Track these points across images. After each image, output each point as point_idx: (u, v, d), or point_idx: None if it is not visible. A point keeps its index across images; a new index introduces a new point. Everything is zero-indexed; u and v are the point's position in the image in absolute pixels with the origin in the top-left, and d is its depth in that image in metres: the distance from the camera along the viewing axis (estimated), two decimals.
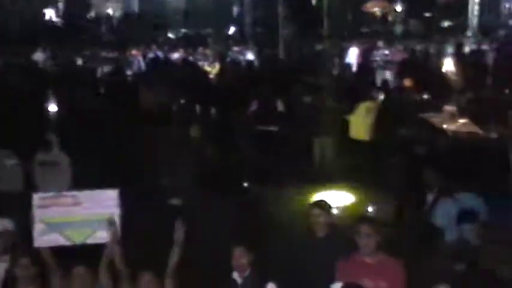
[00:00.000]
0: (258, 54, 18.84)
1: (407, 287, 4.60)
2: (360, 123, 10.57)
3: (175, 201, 7.73)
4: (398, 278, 4.60)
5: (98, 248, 4.81)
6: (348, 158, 10.75)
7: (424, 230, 6.38)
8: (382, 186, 9.31)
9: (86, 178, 7.36)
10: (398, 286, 4.58)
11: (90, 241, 4.81)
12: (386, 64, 17.26)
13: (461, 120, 10.70)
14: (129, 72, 16.28)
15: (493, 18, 25.61)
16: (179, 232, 4.74)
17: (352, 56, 18.16)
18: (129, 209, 4.99)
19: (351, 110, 10.89)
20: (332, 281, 4.53)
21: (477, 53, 16.95)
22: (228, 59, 17.75)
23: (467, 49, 17.66)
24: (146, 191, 8.59)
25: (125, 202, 4.92)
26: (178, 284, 4.79)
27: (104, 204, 4.81)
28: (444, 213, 5.98)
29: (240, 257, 4.69)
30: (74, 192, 4.91)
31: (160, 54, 19.41)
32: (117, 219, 4.82)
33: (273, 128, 11.14)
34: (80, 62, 18.77)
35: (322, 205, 5.24)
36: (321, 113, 12.08)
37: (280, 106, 11.94)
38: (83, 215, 4.79)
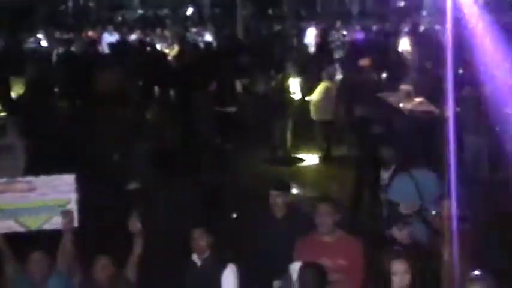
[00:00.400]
0: (217, 35, 18.69)
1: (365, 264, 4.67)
2: (319, 104, 10.65)
3: (132, 186, 7.67)
4: (357, 256, 4.67)
5: (56, 233, 4.75)
6: (309, 139, 10.85)
7: (379, 206, 6.53)
8: (340, 165, 9.46)
9: (41, 162, 7.24)
10: (357, 264, 4.65)
11: (46, 227, 4.74)
12: (344, 44, 17.34)
13: (417, 99, 10.87)
14: (85, 54, 15.91)
15: None
16: (135, 223, 4.69)
17: (310, 36, 18.21)
18: (86, 194, 4.93)
19: (310, 90, 10.96)
20: (292, 261, 4.57)
21: (432, 33, 17.17)
22: (187, 41, 17.56)
23: (422, 28, 17.89)
24: (103, 175, 8.52)
25: (82, 186, 4.86)
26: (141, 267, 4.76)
27: (60, 189, 4.74)
28: (400, 188, 6.06)
29: (200, 238, 4.69)
30: (29, 178, 4.83)
31: (117, 35, 19.06)
32: (74, 205, 4.75)
33: (231, 109, 11.13)
34: (33, 43, 18.26)
35: (281, 186, 5.27)
36: (280, 94, 12.12)
37: (238, 87, 11.94)
38: (39, 200, 4.72)
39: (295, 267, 4.33)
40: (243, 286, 4.69)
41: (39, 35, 19.38)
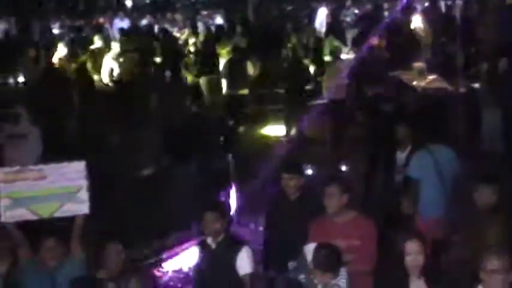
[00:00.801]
0: (227, 18, 18.60)
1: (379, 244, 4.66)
2: (331, 83, 10.60)
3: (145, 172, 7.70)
4: (370, 236, 4.64)
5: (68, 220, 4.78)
6: (323, 119, 10.80)
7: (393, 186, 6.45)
8: (353, 145, 9.40)
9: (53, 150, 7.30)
10: (370, 244, 4.62)
11: (57, 215, 4.76)
12: (356, 23, 17.17)
13: (431, 77, 10.78)
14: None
15: None
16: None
17: (322, 16, 18.06)
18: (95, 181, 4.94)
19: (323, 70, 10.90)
20: (306, 242, 4.57)
21: (445, 10, 16.95)
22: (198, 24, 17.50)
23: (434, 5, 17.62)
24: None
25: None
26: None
27: (70, 176, 4.75)
28: (421, 165, 5.87)
29: (214, 222, 4.69)
30: (40, 166, 4.86)
31: (127, 21, 19.04)
32: (84, 192, 4.77)
33: (244, 91, 11.12)
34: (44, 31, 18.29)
35: (292, 168, 5.25)
36: (294, 74, 12.07)
37: (250, 69, 11.90)
38: (49, 188, 4.73)
39: (309, 248, 4.33)
40: (258, 268, 4.71)
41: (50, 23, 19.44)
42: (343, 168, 8.55)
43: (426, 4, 17.34)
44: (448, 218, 5.40)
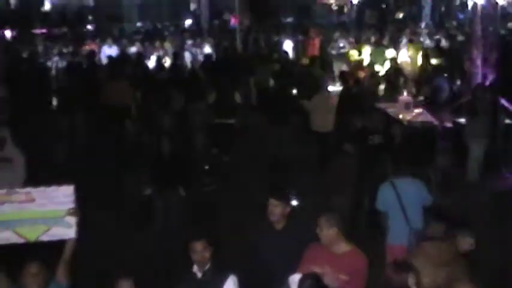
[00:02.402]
0: (216, 46, 18.73)
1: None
2: (318, 115, 10.64)
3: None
4: (360, 272, 4.59)
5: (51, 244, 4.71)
6: (308, 148, 10.85)
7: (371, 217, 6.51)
8: (339, 176, 9.44)
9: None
10: (358, 280, 4.57)
11: (44, 238, 4.70)
12: (343, 55, 17.36)
13: (417, 110, 10.90)
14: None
15: (446, 9, 26.10)
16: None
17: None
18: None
19: (309, 100, 10.94)
20: (292, 272, 4.53)
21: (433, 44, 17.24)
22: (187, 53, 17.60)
23: (421, 40, 17.94)
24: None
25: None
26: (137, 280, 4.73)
27: (58, 200, 4.69)
28: (384, 198, 6.10)
29: (202, 251, 4.65)
30: (28, 189, 4.79)
31: (116, 47, 19.09)
32: (72, 216, 4.71)
33: (231, 121, 11.12)
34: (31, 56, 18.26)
35: (279, 195, 5.21)
36: (280, 104, 12.11)
37: (238, 98, 11.92)
38: (37, 211, 4.67)
39: (294, 279, 4.28)
40: None
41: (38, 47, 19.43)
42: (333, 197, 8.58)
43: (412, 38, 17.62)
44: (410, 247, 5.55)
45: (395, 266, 4.12)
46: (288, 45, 18.68)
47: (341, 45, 18.53)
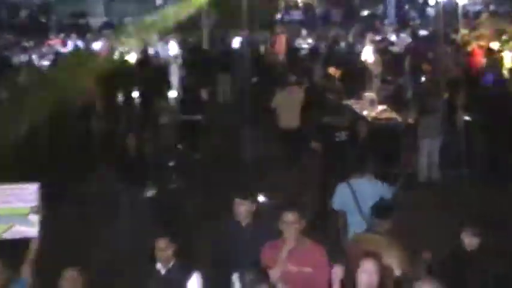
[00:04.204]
0: (182, 43, 18.62)
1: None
2: (283, 111, 10.67)
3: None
4: (322, 264, 4.65)
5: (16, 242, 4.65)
6: (274, 146, 10.88)
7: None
8: (306, 172, 9.50)
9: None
10: (323, 271, 4.62)
11: (7, 236, 4.64)
12: (311, 52, 17.45)
13: (380, 107, 11.04)
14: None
15: (410, 7, 26.44)
16: None
17: (279, 43, 18.32)
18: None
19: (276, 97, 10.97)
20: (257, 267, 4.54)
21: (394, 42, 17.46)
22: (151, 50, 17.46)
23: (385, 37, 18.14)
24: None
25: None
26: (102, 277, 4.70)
27: (23, 198, 4.64)
28: (341, 197, 6.11)
29: (165, 248, 4.65)
30: None
31: (80, 43, 18.86)
32: (35, 215, 4.65)
33: (197, 117, 11.09)
34: None
35: (245, 194, 5.23)
36: (247, 102, 12.16)
37: (204, 95, 11.91)
38: (1, 208, 4.62)
39: (236, 276, 4.33)
40: None
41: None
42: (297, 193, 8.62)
43: (377, 36, 17.83)
44: None
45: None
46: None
47: (309, 41, 18.65)
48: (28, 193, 4.66)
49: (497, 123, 9.65)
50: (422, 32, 19.25)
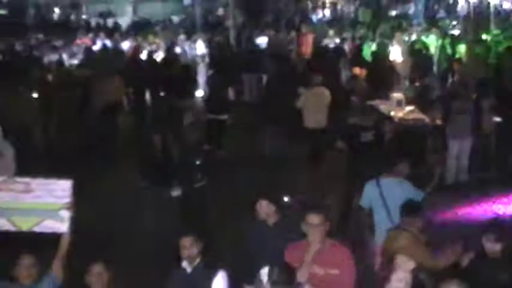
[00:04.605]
0: (209, 42, 18.70)
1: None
2: (310, 111, 10.65)
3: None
4: (348, 265, 4.62)
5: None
6: (300, 146, 10.86)
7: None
8: (332, 173, 9.45)
9: None
10: (349, 272, 4.60)
11: (37, 229, 4.69)
12: (337, 52, 17.35)
13: (408, 108, 10.94)
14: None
15: (440, 7, 26.17)
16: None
17: (305, 43, 18.28)
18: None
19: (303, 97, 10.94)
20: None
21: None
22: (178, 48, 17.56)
23: (414, 38, 17.97)
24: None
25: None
26: (127, 275, 4.74)
27: (56, 194, 4.68)
28: (369, 196, 6.17)
29: (191, 247, 4.67)
30: (27, 179, 4.76)
31: (109, 42, 19.06)
32: (67, 211, 4.69)
33: (223, 117, 11.13)
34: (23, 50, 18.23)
35: (270, 194, 5.24)
36: (271, 102, 12.12)
37: (231, 94, 11.93)
38: (33, 202, 4.66)
39: (265, 271, 4.32)
40: None
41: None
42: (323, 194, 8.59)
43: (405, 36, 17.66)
44: None
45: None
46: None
47: (336, 41, 18.56)
48: (61, 189, 4.69)
49: None
50: (452, 32, 19.01)
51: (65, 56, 16.80)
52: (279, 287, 4.11)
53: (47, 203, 4.66)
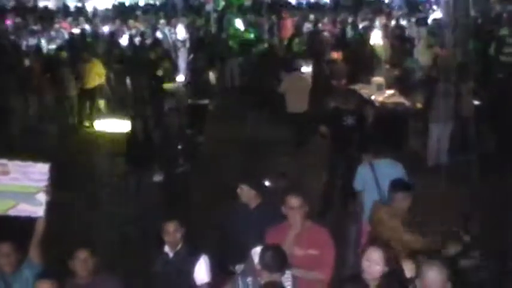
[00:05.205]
0: (189, 27, 18.56)
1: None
2: (292, 95, 10.66)
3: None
4: (328, 246, 4.67)
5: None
6: (283, 130, 10.88)
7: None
8: (314, 156, 9.51)
9: None
10: (328, 252, 4.65)
11: (11, 213, 4.58)
12: (315, 37, 17.32)
13: (389, 92, 10.99)
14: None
15: None
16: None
17: (285, 28, 18.24)
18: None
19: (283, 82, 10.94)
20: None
21: (403, 27, 17.31)
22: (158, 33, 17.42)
23: (393, 22, 18.01)
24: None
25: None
26: (109, 260, 4.72)
27: (33, 177, 4.57)
28: (362, 178, 6.22)
29: (174, 232, 4.67)
30: (4, 161, 4.62)
31: (88, 27, 18.84)
32: (43, 195, 4.59)
33: (204, 101, 11.08)
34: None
35: (251, 180, 5.25)
36: (256, 86, 12.11)
37: (212, 79, 11.89)
38: (10, 185, 4.55)
39: (256, 251, 4.34)
40: (213, 275, 4.70)
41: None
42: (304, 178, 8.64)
43: (386, 21, 17.69)
44: None
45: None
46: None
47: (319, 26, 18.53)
48: (38, 172, 4.58)
49: (505, 108, 9.59)
50: (433, 17, 19.07)
51: (43, 41, 16.60)
52: (270, 268, 4.12)
53: (23, 186, 4.55)
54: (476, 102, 10.29)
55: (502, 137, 9.79)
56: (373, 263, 3.95)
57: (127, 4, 26.40)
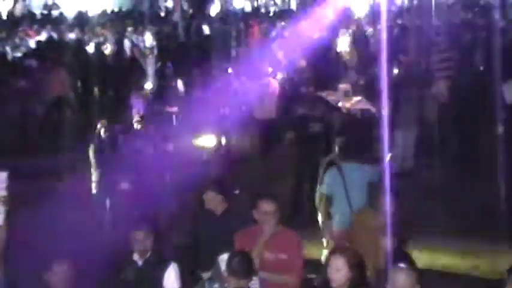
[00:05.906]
0: (157, 34, 18.52)
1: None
2: (260, 102, 10.73)
3: None
4: (297, 250, 4.76)
5: None
6: (249, 137, 10.93)
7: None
8: (282, 162, 9.59)
9: None
10: (297, 257, 4.74)
11: None
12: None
13: (356, 98, 11.12)
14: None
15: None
16: None
17: (252, 35, 18.34)
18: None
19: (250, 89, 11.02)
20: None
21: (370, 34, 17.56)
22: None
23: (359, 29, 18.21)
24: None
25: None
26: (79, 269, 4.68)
27: None
28: (331, 182, 6.27)
29: (142, 240, 4.68)
30: None
31: (54, 34, 18.65)
32: (3, 205, 4.47)
33: (173, 109, 11.09)
34: None
35: (216, 187, 5.33)
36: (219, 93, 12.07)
37: (180, 86, 11.90)
38: None
39: (223, 258, 4.38)
40: (182, 283, 4.73)
41: None
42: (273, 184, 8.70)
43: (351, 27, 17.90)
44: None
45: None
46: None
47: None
48: None
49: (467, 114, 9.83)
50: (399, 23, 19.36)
51: (7, 48, 16.39)
52: (237, 275, 4.16)
53: None
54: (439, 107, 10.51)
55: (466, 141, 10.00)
56: (334, 270, 4.00)
57: (94, 12, 26.21)
